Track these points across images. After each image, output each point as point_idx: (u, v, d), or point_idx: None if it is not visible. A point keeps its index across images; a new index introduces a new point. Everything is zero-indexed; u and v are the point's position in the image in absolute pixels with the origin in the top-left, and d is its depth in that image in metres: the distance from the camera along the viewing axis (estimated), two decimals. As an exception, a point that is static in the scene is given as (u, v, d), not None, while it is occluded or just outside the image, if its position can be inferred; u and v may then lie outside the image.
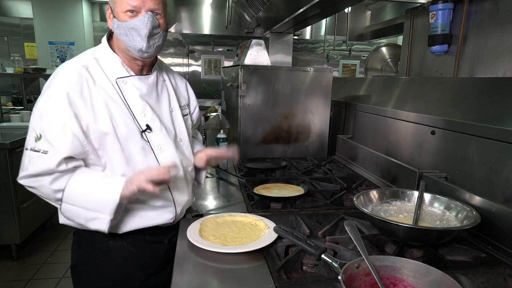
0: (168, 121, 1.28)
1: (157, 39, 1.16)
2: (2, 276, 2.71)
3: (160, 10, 1.14)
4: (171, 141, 1.25)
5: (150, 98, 1.24)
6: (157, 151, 1.21)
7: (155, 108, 1.24)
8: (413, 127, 1.72)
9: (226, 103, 2.95)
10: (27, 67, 4.03)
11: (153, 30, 1.12)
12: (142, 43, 1.12)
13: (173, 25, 5.13)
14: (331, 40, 5.64)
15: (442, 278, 0.80)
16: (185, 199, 1.31)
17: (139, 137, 1.18)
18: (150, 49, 1.15)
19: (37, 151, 1.06)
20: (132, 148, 1.17)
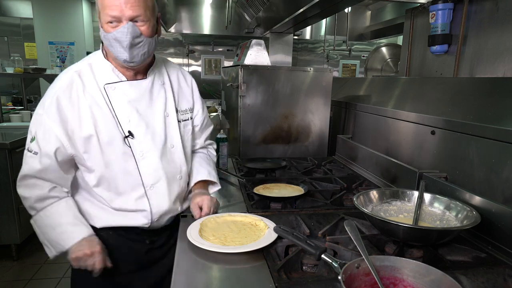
0: (160, 126, 1.26)
1: (141, 48, 1.13)
2: (2, 276, 2.71)
3: (142, 16, 1.10)
4: (157, 148, 1.24)
5: (140, 103, 1.23)
6: (138, 157, 1.21)
7: (145, 113, 1.23)
8: (413, 127, 1.72)
9: (226, 103, 2.95)
10: (27, 67, 4.03)
11: (134, 40, 1.10)
12: (126, 54, 1.11)
13: (173, 25, 5.13)
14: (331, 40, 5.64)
15: (442, 278, 0.80)
16: (164, 207, 1.28)
17: (121, 143, 1.19)
18: (135, 59, 1.14)
19: (30, 151, 1.16)
20: (112, 153, 1.19)
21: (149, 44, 1.15)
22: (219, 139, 1.96)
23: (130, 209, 1.24)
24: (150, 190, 1.24)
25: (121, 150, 1.19)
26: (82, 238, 1.17)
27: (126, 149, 1.20)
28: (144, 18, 1.11)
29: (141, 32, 1.11)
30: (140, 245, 1.32)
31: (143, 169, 1.22)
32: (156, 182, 1.24)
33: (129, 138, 1.20)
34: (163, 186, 1.26)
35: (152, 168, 1.23)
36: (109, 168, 1.19)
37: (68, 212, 1.20)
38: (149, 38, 1.14)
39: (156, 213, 1.27)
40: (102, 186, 1.22)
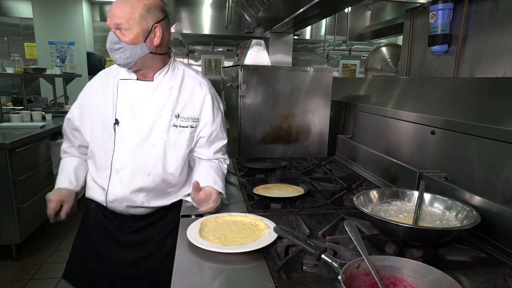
0: (148, 124, 1.37)
1: (122, 53, 1.26)
2: (2, 276, 2.71)
3: (124, 24, 1.22)
4: (135, 140, 1.37)
5: (140, 100, 1.38)
6: (117, 142, 1.37)
7: (138, 109, 1.37)
8: (413, 127, 1.72)
9: (226, 103, 2.95)
10: (27, 67, 4.03)
11: (113, 45, 1.26)
12: (112, 56, 1.29)
13: (173, 25, 5.13)
14: (331, 40, 5.64)
15: (442, 278, 0.80)
16: (120, 194, 1.39)
17: (111, 127, 1.37)
18: (118, 61, 1.30)
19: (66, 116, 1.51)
20: (101, 132, 1.40)
21: (130, 50, 1.26)
22: (219, 139, 1.96)
23: (98, 184, 1.43)
24: (114, 173, 1.38)
25: (108, 133, 1.38)
26: (59, 187, 1.46)
27: (112, 133, 1.38)
28: (126, 27, 1.23)
29: (119, 39, 1.25)
30: (110, 224, 1.48)
31: (116, 153, 1.37)
32: (122, 168, 1.37)
33: (116, 125, 1.37)
34: (126, 174, 1.37)
35: (123, 155, 1.37)
36: (94, 144, 1.43)
37: (67, 166, 1.52)
38: (130, 45, 1.25)
39: (110, 195, 1.40)
40: (90, 159, 1.47)
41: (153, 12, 1.27)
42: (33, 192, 3.08)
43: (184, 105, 1.41)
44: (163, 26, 1.30)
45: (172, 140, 1.39)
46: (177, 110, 1.40)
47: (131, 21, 1.23)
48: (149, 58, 1.31)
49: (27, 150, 2.96)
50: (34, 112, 3.81)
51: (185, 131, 1.41)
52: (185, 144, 1.42)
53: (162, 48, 1.35)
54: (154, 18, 1.27)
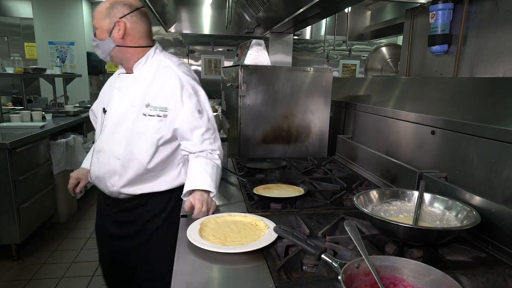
0: (124, 112, 1.49)
1: (99, 49, 1.47)
2: (2, 276, 2.71)
3: (96, 24, 1.44)
4: (113, 126, 1.51)
5: (121, 91, 1.53)
6: (103, 128, 1.54)
7: (119, 99, 1.52)
8: (413, 127, 1.72)
9: (226, 103, 2.95)
10: (27, 67, 4.03)
11: (92, 43, 1.50)
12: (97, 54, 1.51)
13: (173, 25, 5.13)
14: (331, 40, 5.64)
15: (442, 278, 0.80)
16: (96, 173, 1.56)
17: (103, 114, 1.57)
18: (99, 56, 1.50)
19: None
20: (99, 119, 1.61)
21: (102, 45, 1.44)
22: (219, 139, 1.96)
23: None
24: (95, 154, 1.57)
25: (100, 120, 1.58)
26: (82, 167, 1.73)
27: (102, 120, 1.57)
28: (96, 26, 1.44)
29: (95, 36, 1.46)
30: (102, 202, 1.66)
31: (99, 138, 1.56)
32: (99, 151, 1.54)
33: (104, 113, 1.55)
34: (102, 156, 1.53)
35: (103, 139, 1.53)
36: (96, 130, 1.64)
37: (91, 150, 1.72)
38: (100, 41, 1.43)
39: (92, 173, 1.59)
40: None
41: (116, 9, 1.40)
42: (33, 192, 3.08)
43: (154, 95, 1.46)
44: (129, 20, 1.42)
45: (140, 128, 1.46)
46: (147, 100, 1.46)
47: (99, 21, 1.42)
48: (118, 50, 1.45)
49: (27, 150, 2.96)
50: (34, 112, 3.81)
51: (153, 119, 1.45)
52: (152, 131, 1.45)
53: (132, 40, 1.44)
54: (117, 14, 1.40)
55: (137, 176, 1.49)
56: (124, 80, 1.53)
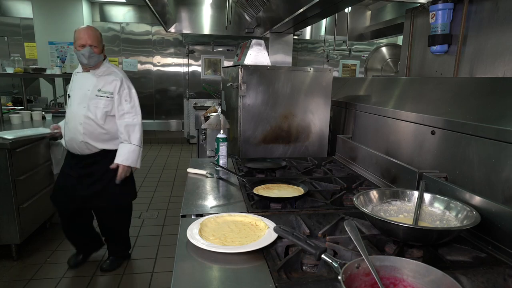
0: (82, 95, 2.44)
1: (93, 58, 2.38)
2: (2, 276, 2.71)
3: (96, 43, 2.36)
4: (75, 104, 2.45)
5: (80, 82, 2.49)
6: (68, 106, 2.53)
7: (79, 87, 2.47)
8: (413, 127, 1.73)
9: (226, 103, 2.95)
10: (27, 67, 4.03)
11: (90, 54, 2.35)
12: (85, 61, 2.38)
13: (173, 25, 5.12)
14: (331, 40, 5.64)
15: (442, 278, 0.80)
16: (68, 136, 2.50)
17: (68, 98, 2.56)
18: (90, 63, 2.40)
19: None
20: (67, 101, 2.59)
21: (97, 57, 2.41)
22: (219, 139, 1.96)
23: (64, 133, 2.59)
24: (67, 124, 2.51)
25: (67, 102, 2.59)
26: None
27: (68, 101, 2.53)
28: (95, 45, 2.37)
29: (93, 51, 2.36)
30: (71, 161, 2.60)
31: (67, 113, 2.53)
32: (68, 121, 2.49)
33: (68, 96, 2.56)
34: (70, 123, 2.47)
35: (69, 113, 2.49)
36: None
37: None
38: (97, 54, 2.39)
39: (66, 136, 2.53)
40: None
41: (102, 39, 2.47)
42: (33, 192, 3.08)
43: (103, 85, 2.44)
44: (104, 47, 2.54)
45: (94, 103, 2.42)
46: (98, 87, 2.43)
47: (97, 42, 2.38)
48: (101, 61, 2.46)
49: (27, 150, 2.96)
50: (34, 112, 3.81)
51: (103, 98, 2.43)
52: (103, 105, 2.43)
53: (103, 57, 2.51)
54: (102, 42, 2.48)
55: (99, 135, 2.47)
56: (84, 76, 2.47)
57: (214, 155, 2.06)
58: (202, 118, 3.94)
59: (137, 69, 7.53)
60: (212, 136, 2.61)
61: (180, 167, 5.97)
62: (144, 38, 7.54)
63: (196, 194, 1.60)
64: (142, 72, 7.50)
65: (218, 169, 1.95)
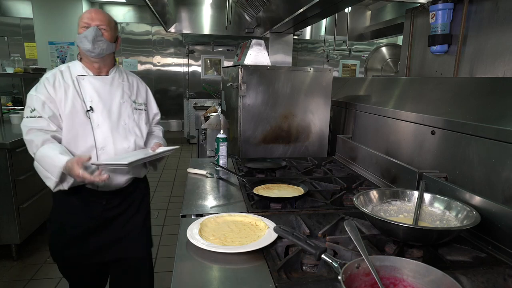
0: (116, 108, 1.70)
1: (100, 44, 1.61)
2: (2, 276, 2.71)
3: (105, 26, 1.63)
4: (110, 121, 1.66)
5: (103, 90, 1.68)
6: (95, 126, 1.63)
7: (105, 97, 1.68)
8: (413, 127, 1.73)
9: (226, 103, 2.95)
10: (27, 67, 4.03)
11: (96, 37, 1.59)
12: (89, 45, 1.59)
13: (173, 25, 5.12)
14: (331, 40, 5.64)
15: (442, 278, 0.80)
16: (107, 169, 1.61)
17: (83, 115, 1.62)
18: (96, 50, 1.60)
19: (34, 117, 1.56)
20: (75, 121, 1.61)
21: (107, 44, 1.63)
22: (219, 139, 1.96)
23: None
24: (100, 151, 1.63)
25: (82, 120, 1.62)
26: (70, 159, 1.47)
27: (86, 119, 1.63)
28: (105, 28, 1.63)
29: (102, 34, 1.62)
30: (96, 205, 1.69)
31: (97, 135, 1.64)
32: (105, 146, 1.64)
33: (90, 112, 1.63)
34: (111, 150, 1.65)
35: (103, 135, 1.64)
36: (71, 132, 1.60)
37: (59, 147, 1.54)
38: (107, 41, 1.63)
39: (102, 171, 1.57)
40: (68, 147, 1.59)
41: (117, 28, 1.74)
42: (33, 192, 3.08)
43: (135, 94, 1.82)
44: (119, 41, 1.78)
45: (136, 119, 1.77)
46: (132, 98, 1.79)
47: (109, 26, 1.65)
48: (110, 55, 1.71)
49: (27, 150, 2.96)
50: (34, 112, 3.79)
51: (142, 112, 1.81)
52: (144, 121, 1.81)
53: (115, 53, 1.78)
54: (117, 32, 1.73)
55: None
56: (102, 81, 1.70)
57: (214, 155, 2.06)
58: (202, 118, 3.94)
59: (137, 69, 7.53)
60: (212, 136, 2.61)
61: (180, 167, 5.97)
62: (144, 38, 7.55)
63: (196, 194, 1.60)
64: (142, 72, 7.51)
65: (218, 169, 1.95)
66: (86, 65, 1.69)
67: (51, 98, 1.59)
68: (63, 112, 1.60)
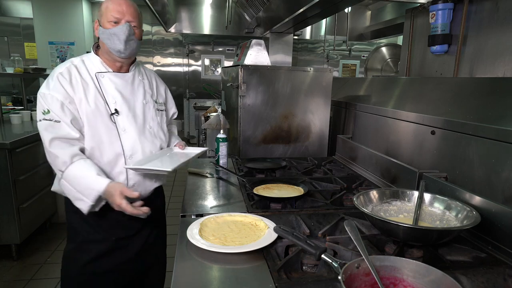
0: (140, 110, 1.54)
1: (131, 43, 1.44)
2: (2, 276, 2.71)
3: (136, 23, 1.44)
4: (136, 125, 1.51)
5: (125, 90, 1.51)
6: (121, 131, 1.47)
7: (128, 98, 1.51)
8: (413, 127, 1.72)
9: (226, 103, 2.95)
10: (27, 67, 4.03)
11: (129, 36, 1.42)
12: (121, 45, 1.41)
13: (173, 25, 5.12)
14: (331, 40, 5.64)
15: (442, 278, 0.80)
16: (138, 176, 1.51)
17: (108, 119, 1.44)
18: (127, 51, 1.44)
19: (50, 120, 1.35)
20: (99, 126, 1.42)
21: (137, 44, 1.48)
22: (219, 139, 1.96)
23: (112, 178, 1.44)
24: (129, 160, 1.48)
25: (107, 125, 1.44)
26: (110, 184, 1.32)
27: (111, 124, 1.45)
28: (136, 25, 1.46)
29: (134, 32, 1.44)
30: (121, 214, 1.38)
31: (124, 141, 1.47)
32: (134, 153, 1.49)
33: (115, 115, 1.46)
34: (139, 157, 1.50)
35: (131, 141, 1.48)
36: (95, 138, 1.42)
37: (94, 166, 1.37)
38: (137, 40, 1.48)
39: (131, 179, 1.50)
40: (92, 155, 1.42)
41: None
42: (33, 192, 3.08)
43: (155, 93, 1.66)
44: None
45: (159, 121, 1.63)
46: (154, 97, 1.64)
47: (139, 22, 1.47)
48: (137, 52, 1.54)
49: (27, 150, 2.96)
50: (34, 112, 3.81)
51: (163, 114, 1.67)
52: (165, 123, 1.69)
53: None
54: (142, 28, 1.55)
55: None
56: (123, 80, 1.51)
57: (214, 155, 2.06)
58: (202, 118, 3.94)
59: (137, 69, 7.52)
60: (212, 136, 2.62)
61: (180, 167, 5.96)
62: (144, 38, 7.49)
63: (196, 194, 1.60)
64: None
65: (218, 169, 1.95)
66: (106, 61, 1.48)
67: (70, 98, 1.37)
68: (84, 114, 1.39)
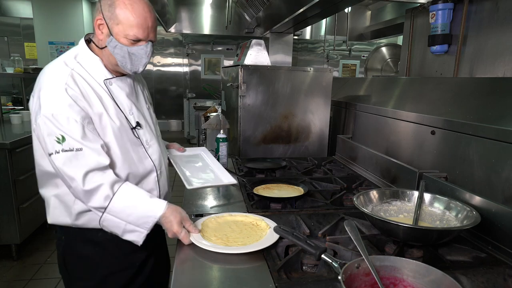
0: (149, 118, 1.38)
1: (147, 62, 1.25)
2: (2, 276, 2.71)
3: (155, 39, 1.23)
4: (154, 136, 1.36)
5: (133, 97, 1.33)
6: (146, 146, 1.31)
7: (138, 106, 1.34)
8: (413, 127, 1.72)
9: (226, 103, 2.95)
10: (27, 67, 4.03)
11: (150, 57, 1.23)
12: (140, 67, 1.22)
13: (173, 25, 5.13)
14: (331, 40, 5.64)
15: (442, 278, 0.80)
16: (166, 189, 1.43)
17: (132, 134, 1.27)
18: (142, 68, 1.24)
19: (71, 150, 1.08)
20: (127, 145, 1.24)
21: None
22: (219, 139, 1.96)
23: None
24: (160, 175, 1.36)
25: (132, 141, 1.26)
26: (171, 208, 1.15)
27: (135, 139, 1.28)
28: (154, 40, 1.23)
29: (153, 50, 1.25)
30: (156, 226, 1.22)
31: (152, 156, 1.32)
32: (161, 167, 1.37)
33: (137, 128, 1.28)
34: (165, 170, 1.40)
35: (157, 154, 1.34)
36: (126, 158, 1.23)
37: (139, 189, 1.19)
38: None
39: (162, 195, 1.38)
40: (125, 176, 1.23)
41: None
42: (33, 192, 3.07)
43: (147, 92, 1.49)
44: None
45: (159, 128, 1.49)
46: (149, 98, 1.49)
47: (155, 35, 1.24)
48: None
49: (27, 150, 2.96)
50: (34, 112, 3.79)
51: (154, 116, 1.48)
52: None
53: None
54: None
55: None
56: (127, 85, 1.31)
57: (214, 155, 2.06)
58: (202, 118, 3.94)
59: (137, 69, 7.52)
60: (212, 136, 2.61)
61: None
62: (144, 38, 7.53)
63: (196, 194, 1.60)
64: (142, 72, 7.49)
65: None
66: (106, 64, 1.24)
67: (88, 117, 1.13)
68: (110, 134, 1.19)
